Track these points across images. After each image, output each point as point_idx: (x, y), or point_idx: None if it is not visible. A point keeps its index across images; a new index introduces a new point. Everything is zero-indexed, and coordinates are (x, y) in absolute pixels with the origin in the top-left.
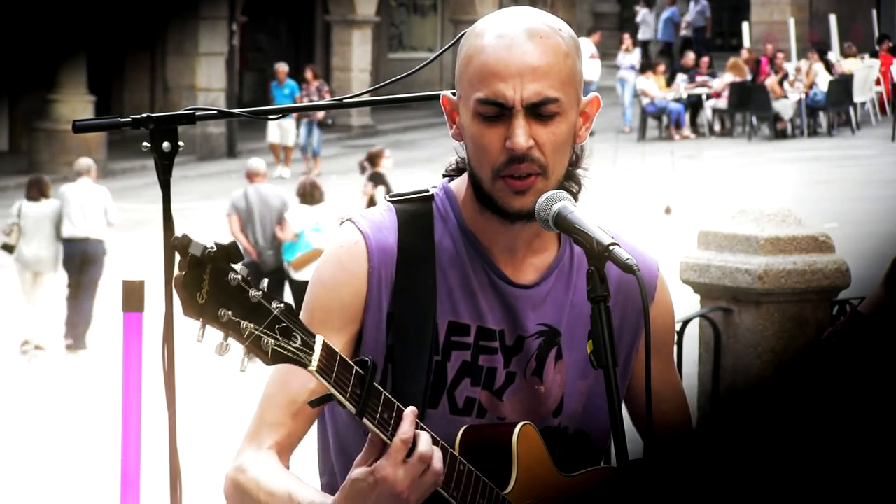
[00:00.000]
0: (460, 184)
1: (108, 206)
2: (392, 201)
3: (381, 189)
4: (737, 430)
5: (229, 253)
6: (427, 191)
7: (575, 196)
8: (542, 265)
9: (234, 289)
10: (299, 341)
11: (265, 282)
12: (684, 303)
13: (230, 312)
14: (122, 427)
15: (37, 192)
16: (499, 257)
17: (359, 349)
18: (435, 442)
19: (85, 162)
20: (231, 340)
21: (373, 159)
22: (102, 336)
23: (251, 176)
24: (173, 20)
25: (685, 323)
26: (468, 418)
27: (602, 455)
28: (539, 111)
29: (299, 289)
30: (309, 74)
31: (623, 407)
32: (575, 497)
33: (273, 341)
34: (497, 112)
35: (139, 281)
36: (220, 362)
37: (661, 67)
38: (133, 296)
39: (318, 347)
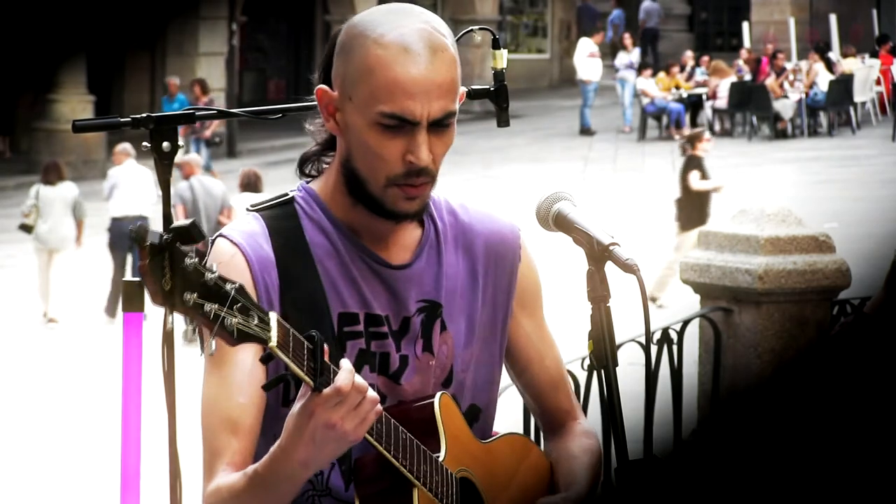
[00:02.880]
0: (322, 181)
1: (152, 187)
2: (254, 210)
3: (695, 174)
4: (737, 430)
5: (187, 233)
6: (286, 194)
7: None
8: (411, 244)
9: (193, 272)
10: (256, 319)
11: (216, 265)
12: (684, 303)
13: (194, 295)
14: (122, 427)
15: (53, 176)
16: (371, 243)
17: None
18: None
19: (126, 146)
20: (196, 325)
21: (692, 141)
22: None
23: (187, 168)
24: (173, 20)
25: (685, 323)
26: (394, 403)
27: (491, 425)
28: (439, 125)
29: None
30: (197, 90)
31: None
32: (497, 462)
33: (236, 320)
34: (399, 125)
35: (139, 281)
36: (207, 340)
37: (675, 69)
38: (133, 296)
39: (273, 323)
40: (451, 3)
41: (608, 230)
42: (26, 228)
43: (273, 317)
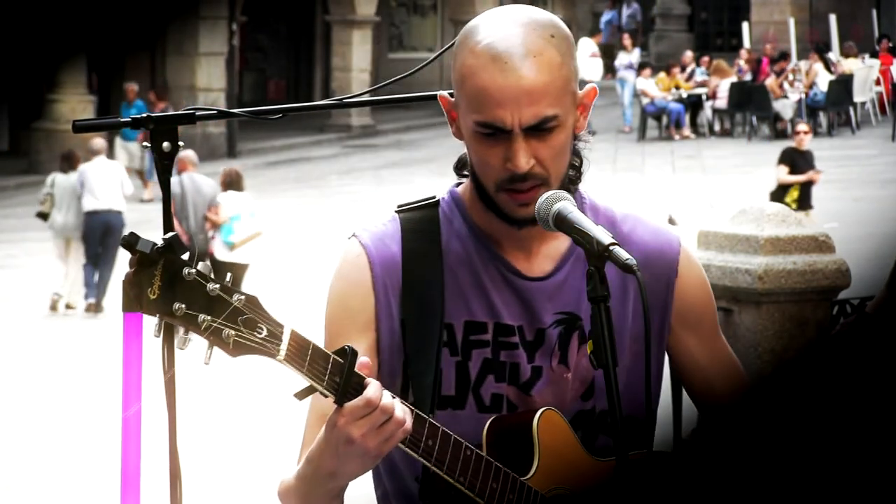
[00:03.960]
0: (465, 185)
1: (124, 180)
2: (398, 211)
3: (781, 168)
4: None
5: (170, 247)
6: (433, 197)
7: (578, 170)
8: (556, 254)
9: (190, 283)
10: (265, 332)
11: (228, 275)
12: None
13: (184, 306)
14: (122, 427)
15: (68, 165)
16: (510, 253)
17: (379, 357)
18: (422, 421)
19: (99, 142)
20: (192, 335)
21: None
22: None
23: (181, 164)
24: (173, 20)
25: None
26: (497, 415)
27: (645, 434)
28: (538, 129)
29: (219, 269)
30: (152, 97)
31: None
32: (602, 481)
33: (234, 332)
34: (494, 133)
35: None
36: (221, 363)
37: (676, 69)
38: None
39: (286, 337)
40: (451, 3)
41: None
42: (42, 216)
43: (287, 330)
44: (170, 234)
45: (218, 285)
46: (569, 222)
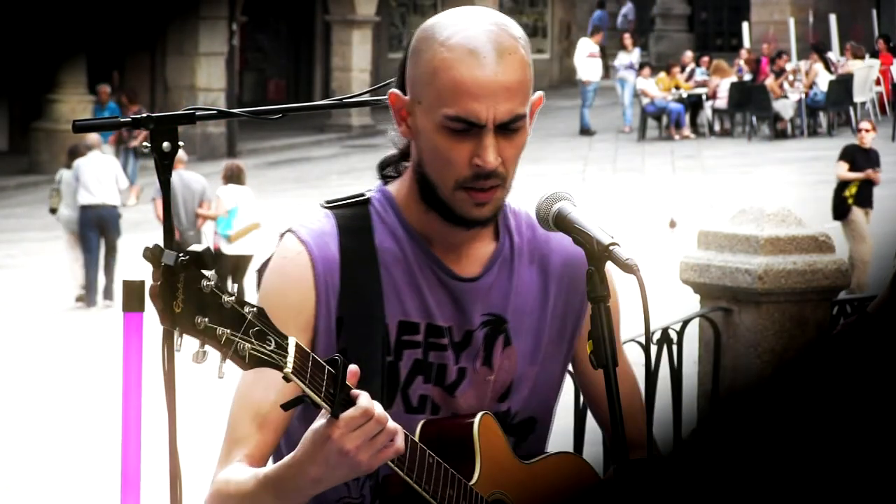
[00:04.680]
0: (399, 184)
1: (119, 175)
2: (329, 207)
3: (840, 164)
4: (737, 430)
5: (201, 259)
6: (363, 194)
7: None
8: (483, 257)
9: (208, 295)
10: (273, 344)
11: (234, 286)
12: (684, 303)
13: (206, 319)
14: (122, 427)
15: (73, 160)
16: (442, 253)
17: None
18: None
19: (94, 136)
20: (208, 348)
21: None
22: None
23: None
24: (173, 20)
25: (685, 323)
26: (422, 416)
27: (546, 440)
28: (507, 128)
29: (223, 262)
30: (124, 98)
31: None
32: (539, 484)
33: (249, 345)
34: (465, 128)
35: (139, 281)
36: (220, 363)
37: (676, 69)
38: (133, 296)
39: (291, 349)
40: (451, 3)
41: (608, 230)
42: (52, 211)
43: (292, 342)
44: (198, 247)
45: (232, 297)
46: (569, 222)
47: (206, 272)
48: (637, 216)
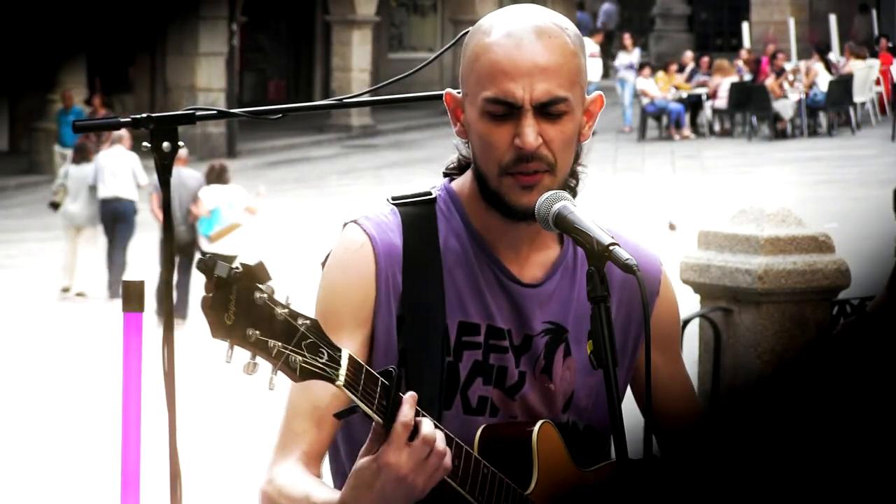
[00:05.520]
0: (462, 183)
1: (137, 170)
2: (395, 203)
3: None
4: (737, 429)
5: (255, 273)
6: (429, 192)
7: (573, 191)
8: (546, 262)
9: (262, 307)
10: (326, 356)
11: (289, 297)
12: (684, 303)
13: (258, 332)
14: (122, 427)
15: (80, 156)
16: (504, 256)
17: (371, 352)
18: (450, 441)
19: (121, 131)
20: (259, 359)
21: None
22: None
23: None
24: (173, 20)
25: (685, 323)
26: (481, 418)
27: (608, 450)
28: (548, 110)
29: None
30: (96, 102)
31: (633, 403)
32: (595, 491)
33: (301, 358)
34: (505, 111)
35: (139, 281)
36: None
37: (674, 67)
38: (133, 296)
39: (344, 362)
40: (451, 3)
41: (608, 229)
42: (54, 206)
43: (345, 354)
44: (252, 260)
45: (286, 310)
46: (569, 222)
47: (260, 285)
48: (637, 216)
